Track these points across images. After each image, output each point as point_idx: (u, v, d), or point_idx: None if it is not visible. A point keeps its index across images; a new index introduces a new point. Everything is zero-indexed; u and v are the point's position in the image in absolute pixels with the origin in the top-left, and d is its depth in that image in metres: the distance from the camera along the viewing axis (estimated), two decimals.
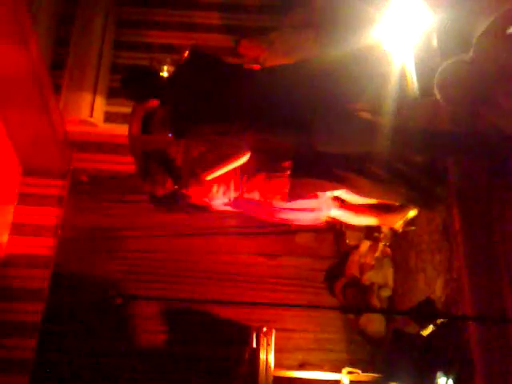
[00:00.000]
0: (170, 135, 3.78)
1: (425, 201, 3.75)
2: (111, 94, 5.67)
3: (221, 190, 3.93)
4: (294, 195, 3.89)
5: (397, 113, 3.47)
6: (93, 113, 5.45)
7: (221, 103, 3.46)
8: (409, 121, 3.59)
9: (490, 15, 3.13)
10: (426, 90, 3.64)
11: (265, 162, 3.88)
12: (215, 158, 3.73)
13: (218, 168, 3.73)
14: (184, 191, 3.91)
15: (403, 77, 3.76)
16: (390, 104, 3.47)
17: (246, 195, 3.97)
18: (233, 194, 3.98)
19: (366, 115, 3.48)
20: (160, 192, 3.84)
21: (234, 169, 3.81)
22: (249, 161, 3.71)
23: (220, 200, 4.00)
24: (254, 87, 3.49)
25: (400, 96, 3.55)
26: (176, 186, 3.86)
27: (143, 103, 3.76)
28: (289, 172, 3.82)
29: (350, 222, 4.35)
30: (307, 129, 3.38)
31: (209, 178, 3.79)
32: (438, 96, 3.06)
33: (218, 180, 3.85)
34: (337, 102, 3.39)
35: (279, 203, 3.98)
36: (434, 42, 3.79)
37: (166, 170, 3.81)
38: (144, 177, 3.83)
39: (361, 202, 4.17)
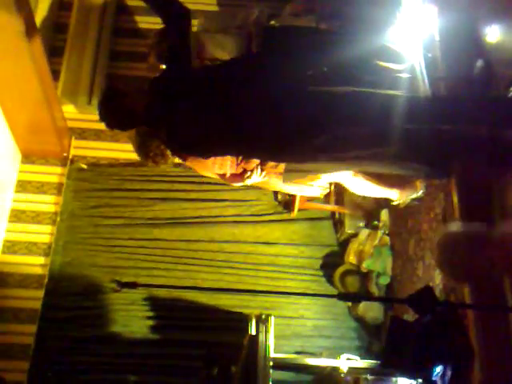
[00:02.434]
0: None
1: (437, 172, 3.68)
2: (109, 81, 5.66)
3: (216, 164, 3.90)
4: (288, 179, 3.88)
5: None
6: (91, 100, 5.43)
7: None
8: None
9: (495, 19, 3.14)
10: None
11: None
12: None
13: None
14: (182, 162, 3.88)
15: (414, 77, 3.77)
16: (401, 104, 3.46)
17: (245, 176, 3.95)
18: (229, 170, 3.94)
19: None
20: (162, 165, 3.80)
21: None
22: None
23: (217, 171, 3.97)
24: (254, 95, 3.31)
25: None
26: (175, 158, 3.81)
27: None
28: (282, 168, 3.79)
29: (368, 193, 4.25)
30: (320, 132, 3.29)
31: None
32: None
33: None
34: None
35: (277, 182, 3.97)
36: (436, 35, 3.80)
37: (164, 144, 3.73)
38: (145, 156, 3.76)
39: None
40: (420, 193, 4.04)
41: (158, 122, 3.18)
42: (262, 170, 3.89)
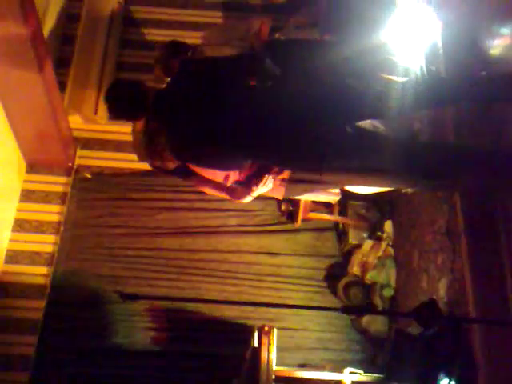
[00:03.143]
0: None
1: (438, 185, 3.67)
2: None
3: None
4: (289, 194, 3.86)
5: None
6: (97, 110, 5.46)
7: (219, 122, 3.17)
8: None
9: (493, 19, 3.15)
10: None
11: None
12: None
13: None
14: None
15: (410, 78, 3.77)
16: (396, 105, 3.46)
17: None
18: (232, 176, 3.89)
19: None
20: (170, 166, 3.75)
21: None
22: None
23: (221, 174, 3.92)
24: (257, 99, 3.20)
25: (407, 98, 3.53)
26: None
27: (134, 121, 3.58)
28: (287, 175, 3.76)
29: (360, 191, 4.24)
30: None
31: None
32: None
33: None
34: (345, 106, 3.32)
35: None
36: (440, 45, 3.81)
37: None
38: (152, 155, 3.73)
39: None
40: None
41: (164, 113, 3.21)
42: (268, 179, 3.82)
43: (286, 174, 3.67)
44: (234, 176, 3.71)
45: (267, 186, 3.64)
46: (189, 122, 3.14)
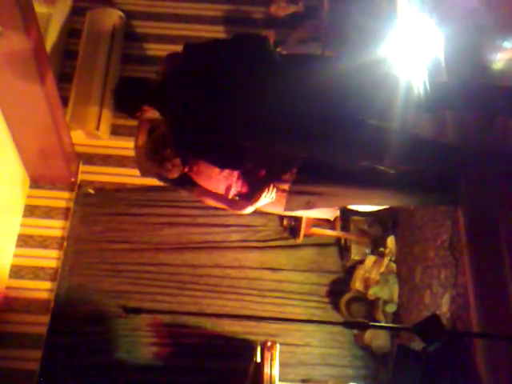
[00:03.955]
0: None
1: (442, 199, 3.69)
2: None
3: (223, 174, 3.85)
4: (290, 209, 3.86)
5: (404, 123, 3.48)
6: (99, 126, 5.48)
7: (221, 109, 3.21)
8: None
9: (496, 32, 3.17)
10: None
11: (268, 168, 3.80)
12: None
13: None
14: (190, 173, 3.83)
15: (410, 90, 3.79)
16: (397, 115, 3.49)
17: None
18: (234, 186, 3.88)
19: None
20: (173, 175, 3.76)
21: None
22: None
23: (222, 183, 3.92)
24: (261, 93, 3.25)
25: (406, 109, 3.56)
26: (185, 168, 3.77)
27: (136, 114, 3.61)
28: (287, 186, 3.77)
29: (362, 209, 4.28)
30: (316, 141, 3.33)
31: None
32: None
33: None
34: (347, 113, 3.35)
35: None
36: (442, 58, 3.83)
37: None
38: (155, 163, 3.72)
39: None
40: None
41: (168, 102, 3.25)
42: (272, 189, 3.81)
43: (286, 186, 3.68)
44: (235, 187, 3.73)
45: (271, 196, 3.65)
46: (191, 109, 3.17)
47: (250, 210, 3.76)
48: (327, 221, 5.07)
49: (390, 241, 4.80)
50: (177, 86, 3.29)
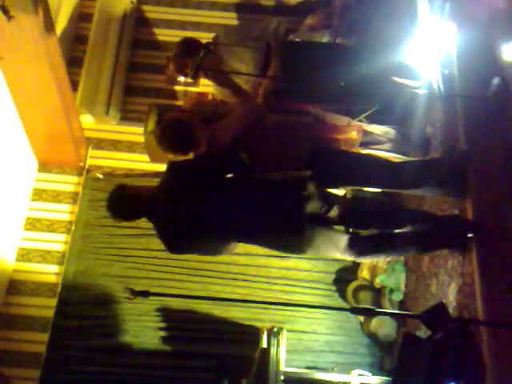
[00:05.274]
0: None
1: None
2: (127, 92, 5.72)
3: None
4: None
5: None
6: (109, 111, 5.48)
7: None
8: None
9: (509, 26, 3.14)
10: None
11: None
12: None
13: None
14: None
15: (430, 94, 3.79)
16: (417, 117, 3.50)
17: None
18: None
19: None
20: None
21: None
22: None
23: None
24: None
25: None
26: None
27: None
28: None
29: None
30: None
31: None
32: None
33: None
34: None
35: None
36: (454, 52, 3.80)
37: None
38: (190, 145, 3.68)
39: None
40: None
41: None
42: None
43: None
44: None
45: None
46: (177, 213, 3.31)
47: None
48: None
49: None
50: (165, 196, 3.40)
